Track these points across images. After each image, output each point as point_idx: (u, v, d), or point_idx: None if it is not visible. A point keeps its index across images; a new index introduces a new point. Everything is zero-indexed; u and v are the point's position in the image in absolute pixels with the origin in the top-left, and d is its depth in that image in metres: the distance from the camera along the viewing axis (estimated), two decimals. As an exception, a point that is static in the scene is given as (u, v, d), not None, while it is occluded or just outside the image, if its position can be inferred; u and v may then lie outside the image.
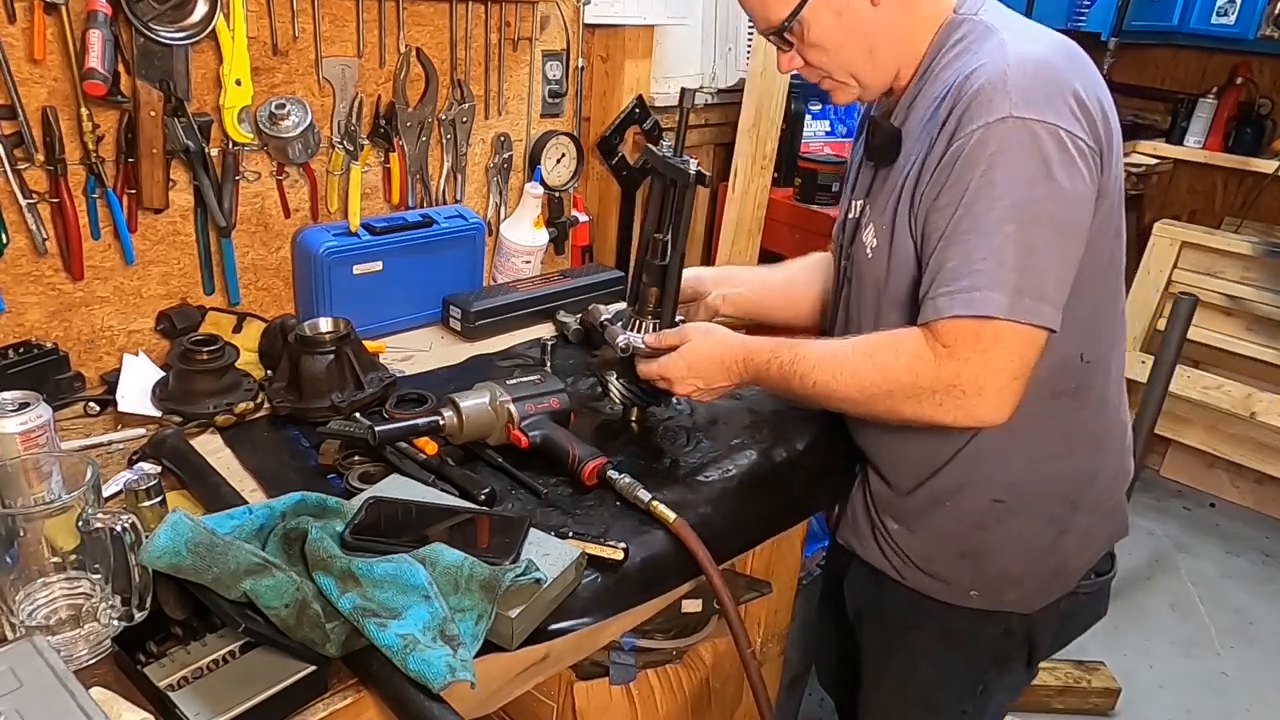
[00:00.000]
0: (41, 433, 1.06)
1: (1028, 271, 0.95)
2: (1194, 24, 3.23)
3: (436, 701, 0.84)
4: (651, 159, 1.29)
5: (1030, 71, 0.97)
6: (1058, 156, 0.95)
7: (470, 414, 1.23)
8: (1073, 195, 0.97)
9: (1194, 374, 3.03)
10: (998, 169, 0.95)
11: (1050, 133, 0.95)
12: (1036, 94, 0.96)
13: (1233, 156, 3.42)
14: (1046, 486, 1.17)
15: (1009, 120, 0.95)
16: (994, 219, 0.96)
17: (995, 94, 0.96)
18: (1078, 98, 0.98)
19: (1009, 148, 0.95)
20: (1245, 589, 2.88)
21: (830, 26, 1.07)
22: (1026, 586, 1.21)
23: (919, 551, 1.24)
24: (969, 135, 0.97)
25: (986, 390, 0.98)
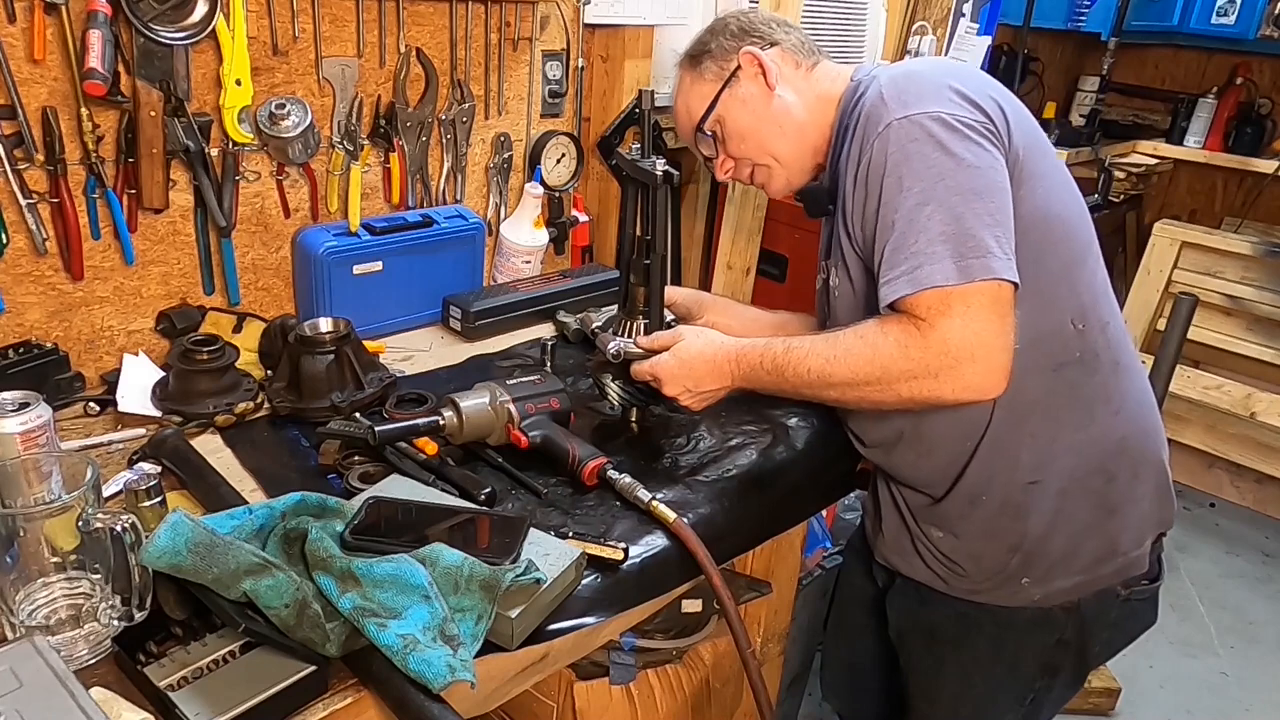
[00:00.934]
0: (41, 433, 1.06)
1: (958, 237, 1.01)
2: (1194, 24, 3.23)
3: (436, 701, 0.84)
4: (620, 162, 1.30)
5: (900, 80, 1.09)
6: (946, 135, 1.03)
7: (470, 414, 1.23)
8: (975, 162, 1.03)
9: (1194, 374, 3.03)
10: (900, 165, 1.04)
11: (931, 118, 1.04)
12: (909, 94, 1.06)
13: (1233, 156, 3.42)
14: (1076, 459, 1.16)
15: (893, 124, 1.05)
16: (911, 206, 1.03)
17: (877, 109, 1.08)
18: (953, 89, 1.07)
19: (902, 144, 1.04)
20: (1245, 589, 2.88)
21: (740, 115, 1.26)
22: (1077, 571, 1.19)
23: (967, 553, 1.22)
24: (869, 151, 1.07)
25: (977, 356, 1.00)
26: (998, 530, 1.19)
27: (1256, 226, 3.49)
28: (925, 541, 1.26)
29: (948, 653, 1.30)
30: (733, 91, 1.26)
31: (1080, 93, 3.67)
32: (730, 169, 1.32)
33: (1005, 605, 1.22)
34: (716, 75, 1.28)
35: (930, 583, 1.28)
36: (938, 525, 1.24)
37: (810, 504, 1.45)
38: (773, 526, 1.35)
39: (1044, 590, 1.20)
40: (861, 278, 1.16)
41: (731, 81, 1.26)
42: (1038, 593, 1.20)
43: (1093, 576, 1.20)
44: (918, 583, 1.29)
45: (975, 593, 1.24)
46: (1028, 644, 1.24)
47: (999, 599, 1.22)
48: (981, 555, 1.21)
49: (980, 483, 1.18)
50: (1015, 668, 1.26)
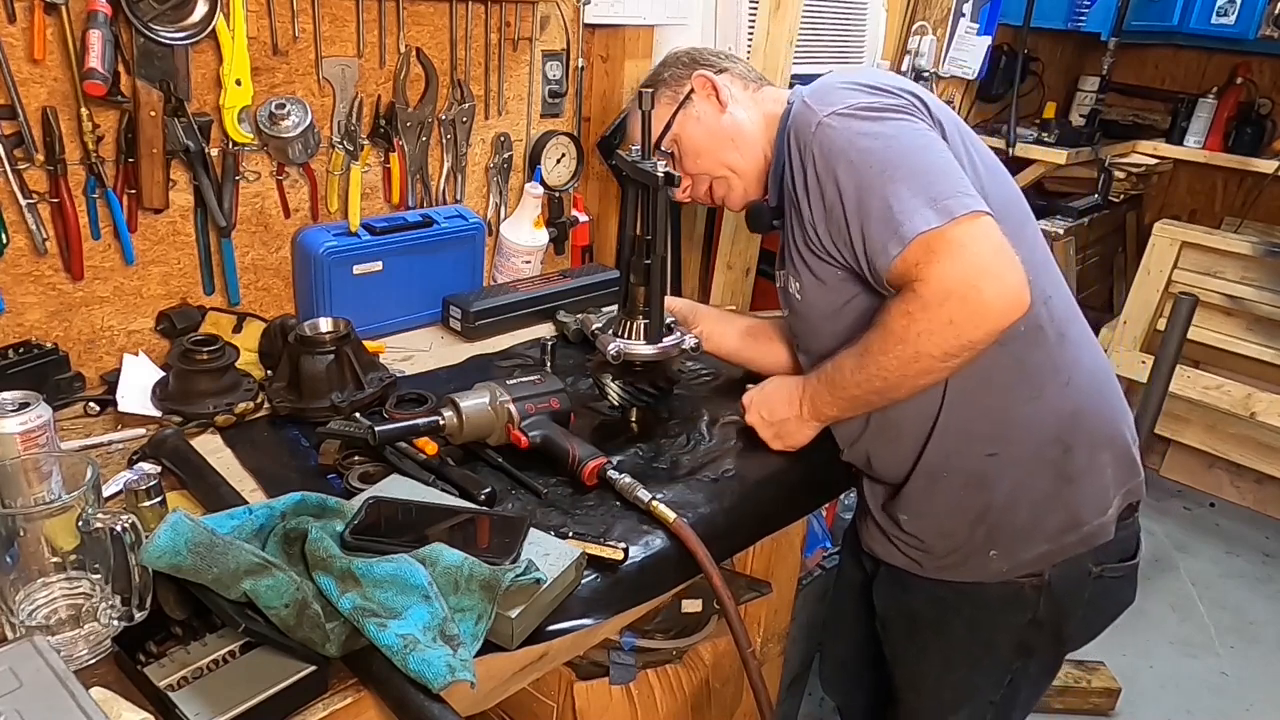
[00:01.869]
0: (41, 433, 1.06)
1: (926, 189, 1.05)
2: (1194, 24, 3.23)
3: (436, 701, 0.84)
4: (621, 163, 1.30)
5: (816, 88, 1.18)
6: (871, 118, 1.10)
7: (470, 414, 1.23)
8: (906, 129, 1.10)
9: (1194, 374, 3.03)
10: (844, 153, 1.10)
11: (851, 109, 1.11)
12: (826, 96, 1.14)
13: (1233, 156, 3.42)
14: (1030, 431, 1.18)
15: (820, 123, 1.12)
16: (870, 184, 1.08)
17: (804, 115, 1.14)
18: (863, 85, 1.14)
19: (835, 137, 1.10)
20: (1245, 589, 2.88)
21: (695, 131, 1.35)
22: (1041, 540, 1.21)
23: (935, 530, 1.25)
24: (809, 152, 1.13)
25: (978, 283, 1.02)
26: (961, 504, 1.22)
27: (1256, 226, 3.49)
28: (896, 527, 1.29)
29: (929, 638, 1.33)
30: (687, 111, 1.36)
31: (1080, 93, 3.67)
32: (688, 187, 1.40)
33: (977, 581, 1.25)
34: (671, 99, 1.37)
35: (907, 567, 1.31)
36: (904, 509, 1.27)
37: (809, 501, 1.45)
38: (773, 526, 1.35)
39: (1011, 562, 1.23)
40: (832, 276, 1.19)
41: (686, 103, 1.36)
42: (1005, 564, 1.23)
43: (1058, 546, 1.22)
44: (897, 569, 1.33)
45: (945, 569, 1.26)
46: (1002, 624, 1.27)
47: (969, 574, 1.25)
48: (948, 531, 1.24)
49: (939, 460, 1.21)
50: (992, 648, 1.29)
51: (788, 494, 1.35)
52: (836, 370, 1.19)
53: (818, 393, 1.25)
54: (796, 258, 1.23)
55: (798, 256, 1.23)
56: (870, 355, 1.12)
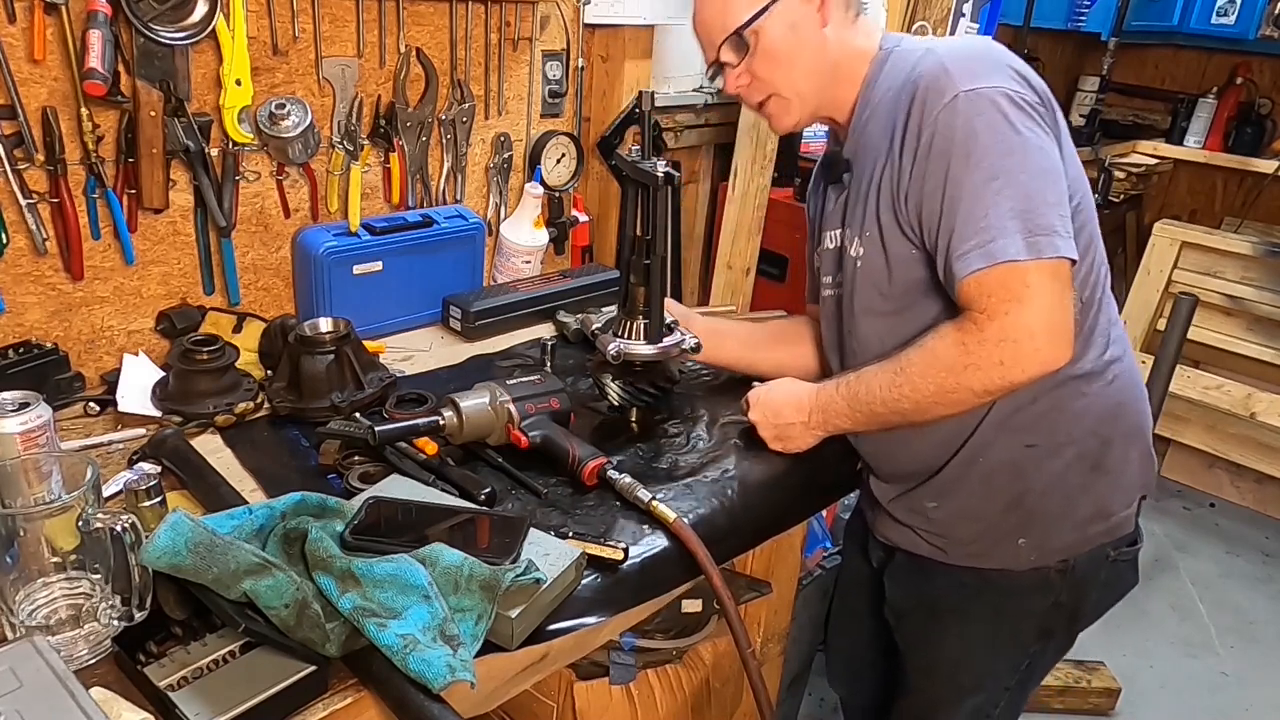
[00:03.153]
0: (41, 433, 1.06)
1: (1028, 215, 1.02)
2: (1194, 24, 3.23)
3: (436, 701, 0.84)
4: (621, 163, 1.30)
5: (964, 55, 1.09)
6: (1014, 112, 1.04)
7: (470, 414, 1.23)
8: (1039, 142, 1.05)
9: (1194, 374, 3.03)
10: (968, 139, 1.04)
11: (1000, 94, 1.04)
12: (974, 68, 1.06)
13: (1233, 156, 3.42)
14: (1074, 424, 1.18)
15: (959, 96, 1.04)
16: (980, 181, 1.03)
17: (940, 80, 1.06)
18: (1012, 67, 1.08)
19: (970, 117, 1.04)
20: (1245, 589, 2.88)
21: (782, 37, 1.17)
22: (1069, 530, 1.22)
23: (964, 515, 1.24)
24: (933, 122, 1.05)
25: (1037, 334, 1.02)
26: (994, 489, 1.21)
27: (1256, 226, 3.49)
28: (919, 516, 1.28)
29: (950, 623, 1.32)
30: (787, 6, 1.16)
31: (1080, 93, 3.67)
32: (744, 85, 1.22)
33: (1004, 568, 1.25)
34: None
35: (931, 555, 1.29)
36: (931, 498, 1.26)
37: (810, 504, 1.45)
38: (773, 527, 1.35)
39: (1039, 550, 1.23)
40: (904, 252, 1.14)
41: None
42: (1033, 553, 1.23)
43: (1084, 535, 1.23)
44: (919, 557, 1.31)
45: (974, 556, 1.25)
46: (1026, 607, 1.27)
47: (997, 561, 1.24)
48: (979, 515, 1.23)
49: (979, 449, 1.20)
50: (1015, 632, 1.29)
51: (789, 495, 1.35)
52: (862, 384, 1.17)
53: (832, 403, 1.22)
54: (871, 220, 1.16)
55: (873, 220, 1.16)
56: (907, 376, 1.10)
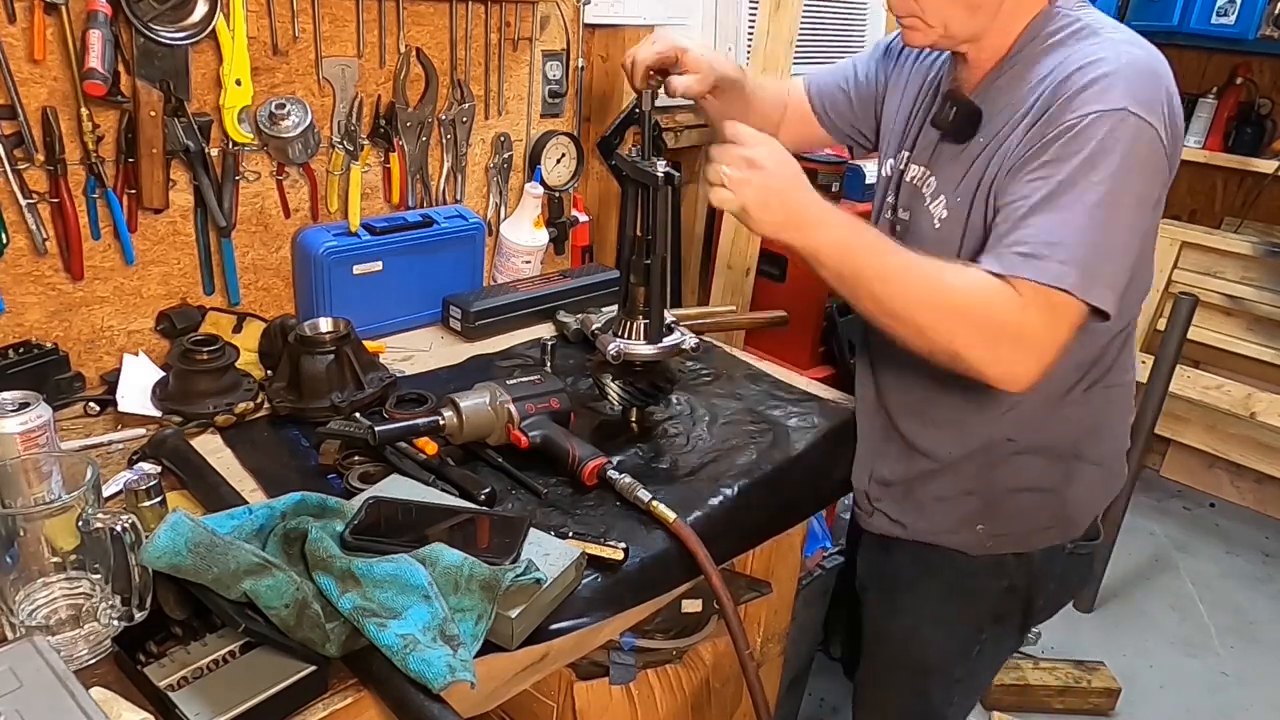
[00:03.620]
0: (41, 433, 1.06)
1: (1104, 257, 0.99)
2: (1194, 24, 3.22)
3: (436, 701, 0.84)
4: (621, 164, 1.29)
5: (1145, 73, 1.01)
6: (1153, 160, 1.00)
7: (470, 414, 1.23)
8: (1153, 200, 1.02)
9: (1194, 374, 3.03)
10: (1104, 155, 0.97)
11: (1153, 136, 0.99)
12: (1147, 95, 0.99)
13: (1233, 156, 3.42)
14: (1057, 430, 1.18)
15: (1124, 113, 0.97)
16: (1089, 201, 0.98)
17: (1112, 87, 0.98)
18: (1171, 109, 1.02)
19: (1119, 139, 0.97)
20: (1245, 589, 2.88)
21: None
22: (1027, 523, 1.23)
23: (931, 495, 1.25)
24: (1082, 117, 0.98)
25: (1036, 353, 1.00)
26: (963, 475, 1.23)
27: (1256, 226, 3.48)
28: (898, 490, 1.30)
29: (903, 595, 1.34)
30: None
31: (1080, 93, 3.66)
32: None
33: (960, 550, 1.26)
34: None
35: (889, 531, 1.32)
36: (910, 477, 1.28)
37: (810, 504, 1.45)
38: (773, 527, 1.35)
39: (995, 539, 1.24)
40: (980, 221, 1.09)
41: None
42: (989, 540, 1.24)
43: (1043, 533, 1.24)
44: (882, 535, 1.34)
45: (932, 534, 1.27)
46: (979, 587, 1.27)
47: (954, 542, 1.26)
48: (942, 494, 1.25)
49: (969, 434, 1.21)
50: (966, 612, 1.30)
51: (789, 495, 1.35)
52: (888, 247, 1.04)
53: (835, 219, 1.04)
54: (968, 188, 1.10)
55: (970, 189, 1.10)
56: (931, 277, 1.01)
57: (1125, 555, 2.89)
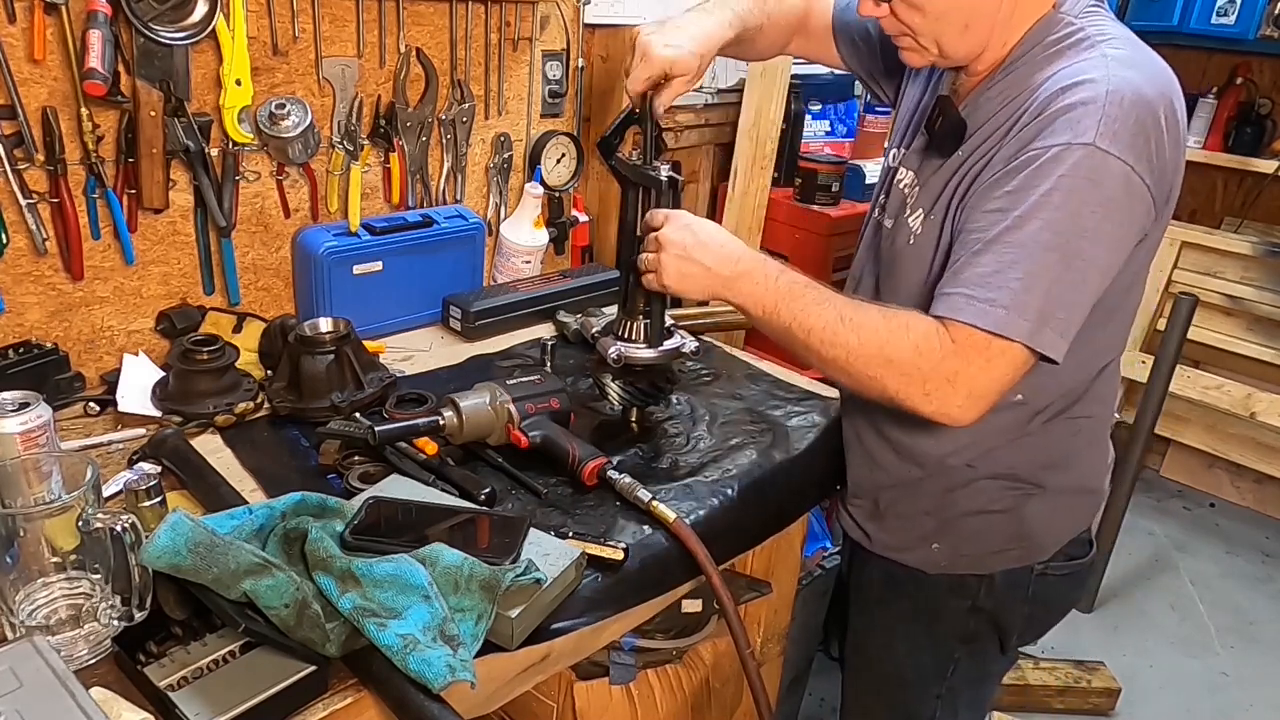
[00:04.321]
0: (41, 433, 1.06)
1: (1054, 302, 0.95)
2: (1194, 24, 3.22)
3: (436, 701, 0.84)
4: (623, 168, 1.29)
5: (1127, 104, 0.94)
6: (1123, 200, 0.95)
7: (470, 414, 1.23)
8: (1118, 240, 0.97)
9: (1194, 374, 3.03)
10: (1062, 193, 0.93)
11: (1124, 174, 0.94)
12: (1124, 130, 0.94)
13: (1233, 156, 3.42)
14: (1017, 458, 1.16)
15: (1090, 149, 0.93)
16: (1042, 241, 0.94)
17: (1085, 117, 0.94)
18: (1159, 142, 0.97)
19: (1080, 176, 0.93)
20: (1245, 589, 2.88)
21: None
22: (983, 545, 1.20)
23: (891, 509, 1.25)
24: (1046, 149, 0.95)
25: (974, 395, 0.98)
26: (922, 493, 1.21)
27: (1256, 226, 3.48)
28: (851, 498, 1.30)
29: (875, 608, 1.34)
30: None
31: (1080, 93, 3.66)
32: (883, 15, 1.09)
33: (919, 569, 1.24)
34: None
35: (859, 540, 1.31)
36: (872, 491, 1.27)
37: (809, 504, 1.45)
38: (773, 527, 1.35)
39: (950, 559, 1.22)
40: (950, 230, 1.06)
41: None
42: (944, 560, 1.22)
43: (1000, 555, 1.21)
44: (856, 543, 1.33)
45: (892, 549, 1.26)
46: (943, 606, 1.25)
47: (911, 559, 1.24)
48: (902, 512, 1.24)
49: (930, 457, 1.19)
50: (933, 631, 1.28)
51: (789, 495, 1.35)
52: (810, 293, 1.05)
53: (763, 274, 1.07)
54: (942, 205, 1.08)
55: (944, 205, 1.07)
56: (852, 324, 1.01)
57: (1125, 555, 2.89)
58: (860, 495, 1.29)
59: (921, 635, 1.29)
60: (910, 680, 1.33)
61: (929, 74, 1.24)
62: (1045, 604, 1.28)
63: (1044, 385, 1.09)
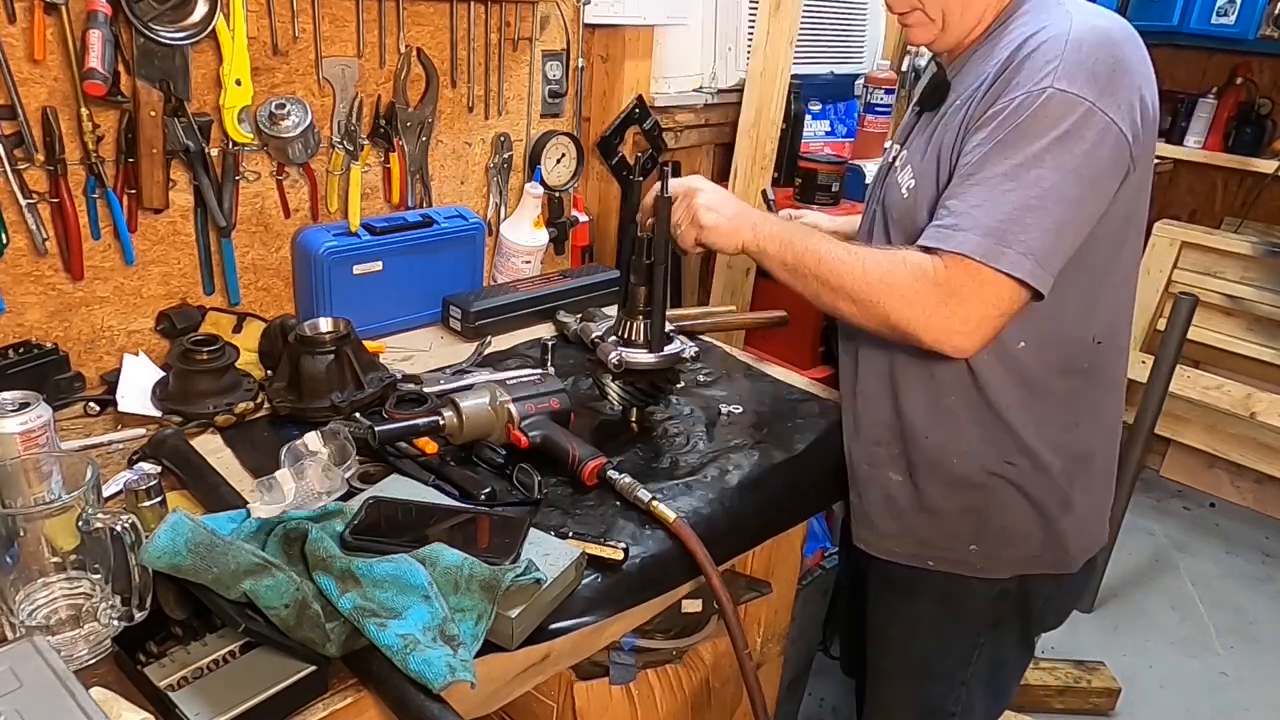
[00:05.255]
0: (41, 433, 1.06)
1: (1016, 225, 1.00)
2: (1194, 24, 3.22)
3: (436, 701, 0.84)
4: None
5: (1089, 46, 1.01)
6: (1084, 134, 1.00)
7: (470, 414, 1.23)
8: (1085, 173, 1.01)
9: (1194, 374, 3.03)
10: (1020, 131, 1.01)
11: (1085, 110, 0.99)
12: (1084, 70, 1.00)
13: (1233, 156, 3.42)
14: (1053, 456, 1.19)
15: (1050, 90, 1.00)
16: (998, 173, 1.01)
17: (1048, 62, 1.01)
18: (1127, 85, 1.02)
19: (1040, 115, 1.00)
20: (1245, 589, 2.88)
21: None
22: (1021, 549, 1.23)
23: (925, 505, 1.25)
24: (1012, 98, 1.02)
25: (970, 320, 1.04)
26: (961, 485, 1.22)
27: (1256, 226, 3.49)
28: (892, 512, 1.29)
29: (899, 600, 1.34)
30: None
31: (1080, 93, 3.66)
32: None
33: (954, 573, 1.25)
34: None
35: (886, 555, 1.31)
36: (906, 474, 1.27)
37: (810, 504, 1.45)
38: (773, 527, 1.35)
39: (986, 560, 1.24)
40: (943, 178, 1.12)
41: None
42: (979, 562, 1.24)
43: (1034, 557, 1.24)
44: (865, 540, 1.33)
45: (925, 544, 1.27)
46: (970, 591, 1.27)
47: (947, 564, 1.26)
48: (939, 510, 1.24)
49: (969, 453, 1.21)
50: (960, 616, 1.29)
51: (789, 495, 1.35)
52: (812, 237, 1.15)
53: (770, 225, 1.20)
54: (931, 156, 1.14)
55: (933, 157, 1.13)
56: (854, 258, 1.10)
57: (1125, 555, 2.89)
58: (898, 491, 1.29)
59: (948, 621, 1.30)
60: (934, 670, 1.34)
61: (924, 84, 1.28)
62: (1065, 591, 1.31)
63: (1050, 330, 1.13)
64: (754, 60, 2.18)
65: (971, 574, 1.24)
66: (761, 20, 2.12)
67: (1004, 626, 1.29)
